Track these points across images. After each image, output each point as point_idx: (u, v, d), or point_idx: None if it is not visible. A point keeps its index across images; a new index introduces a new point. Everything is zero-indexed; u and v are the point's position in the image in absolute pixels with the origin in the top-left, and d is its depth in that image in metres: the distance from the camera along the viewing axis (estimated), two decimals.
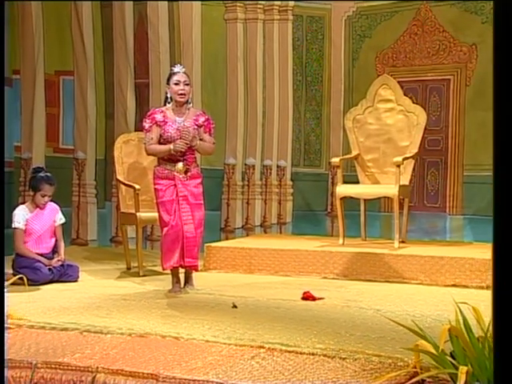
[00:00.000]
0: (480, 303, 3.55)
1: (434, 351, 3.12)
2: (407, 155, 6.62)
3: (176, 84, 5.28)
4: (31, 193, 6.10)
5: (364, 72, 9.04)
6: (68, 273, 6.00)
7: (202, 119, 5.41)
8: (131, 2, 9.42)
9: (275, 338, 3.93)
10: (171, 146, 5.24)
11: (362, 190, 6.71)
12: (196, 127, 5.34)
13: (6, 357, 3.53)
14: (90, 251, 8.22)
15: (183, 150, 5.24)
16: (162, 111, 5.35)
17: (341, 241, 6.63)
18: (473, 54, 8.72)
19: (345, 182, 6.81)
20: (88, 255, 7.74)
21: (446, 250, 6.28)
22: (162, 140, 5.33)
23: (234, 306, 4.86)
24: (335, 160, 6.74)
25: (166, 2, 9.33)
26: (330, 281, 6.09)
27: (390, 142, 6.89)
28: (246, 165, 9.44)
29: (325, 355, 3.62)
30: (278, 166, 9.52)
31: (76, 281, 6.02)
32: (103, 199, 10.06)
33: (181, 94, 5.29)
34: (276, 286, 5.86)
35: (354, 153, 7.00)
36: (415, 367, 3.31)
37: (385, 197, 7.05)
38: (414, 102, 7.05)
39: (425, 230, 8.45)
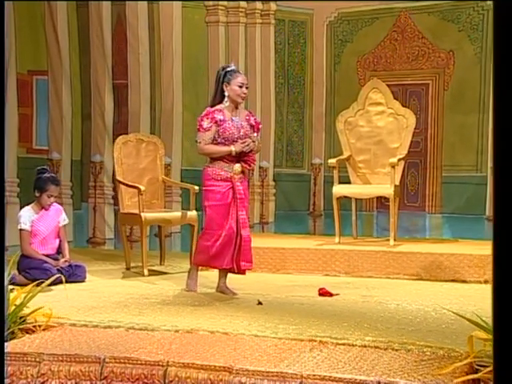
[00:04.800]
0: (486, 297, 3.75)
1: None
2: (400, 156, 6.88)
3: (240, 86, 5.25)
4: (37, 194, 6.08)
5: (345, 76, 9.29)
6: (76, 273, 6.01)
7: (252, 119, 5.41)
8: (109, 2, 9.42)
9: (319, 332, 4.08)
10: (232, 148, 5.21)
11: (358, 190, 6.92)
12: (250, 127, 5.37)
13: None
14: (73, 252, 8.17)
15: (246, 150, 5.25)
16: (220, 110, 5.27)
17: (337, 239, 6.83)
18: (450, 60, 9.08)
19: (329, 183, 7.01)
20: (72, 256, 7.69)
21: (442, 247, 6.56)
22: (219, 139, 5.25)
23: (260, 303, 4.99)
24: (332, 161, 6.93)
25: (146, 3, 9.37)
26: (333, 278, 6.28)
27: (380, 144, 7.13)
28: None
29: (376, 347, 3.79)
30: (260, 167, 9.67)
31: (84, 281, 6.03)
32: (79, 200, 10.02)
33: (243, 97, 5.31)
34: (284, 283, 6.01)
35: (346, 154, 7.21)
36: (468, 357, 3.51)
37: (380, 196, 7.28)
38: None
39: (405, 228, 8.75)
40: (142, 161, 6.94)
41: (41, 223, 6.04)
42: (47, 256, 6.00)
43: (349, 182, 7.22)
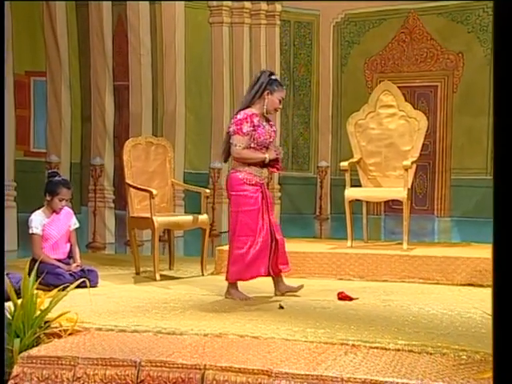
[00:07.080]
0: None
1: None
2: (413, 159, 6.83)
3: (279, 100, 5.27)
4: (48, 197, 5.98)
5: (353, 78, 9.24)
6: (89, 278, 5.89)
7: (273, 125, 5.46)
8: (109, 2, 9.32)
9: (348, 335, 4.03)
10: (266, 155, 5.22)
11: (371, 194, 6.87)
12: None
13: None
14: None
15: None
16: (257, 115, 5.22)
17: (349, 243, 6.75)
18: (459, 62, 9.04)
19: (336, 186, 6.95)
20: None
21: (457, 251, 6.52)
22: (253, 144, 5.21)
23: (281, 307, 4.92)
24: (344, 164, 6.85)
25: (147, 3, 9.27)
26: (348, 282, 6.20)
27: (391, 147, 7.07)
28: None
29: (411, 351, 3.76)
30: None
31: (96, 286, 5.91)
32: (79, 204, 9.90)
33: (276, 112, 5.43)
34: None
35: (357, 157, 7.14)
36: None
37: (389, 200, 7.24)
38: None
39: (414, 231, 8.70)
40: (151, 164, 6.85)
41: (52, 227, 5.95)
42: (58, 261, 5.90)
43: (358, 185, 7.17)
